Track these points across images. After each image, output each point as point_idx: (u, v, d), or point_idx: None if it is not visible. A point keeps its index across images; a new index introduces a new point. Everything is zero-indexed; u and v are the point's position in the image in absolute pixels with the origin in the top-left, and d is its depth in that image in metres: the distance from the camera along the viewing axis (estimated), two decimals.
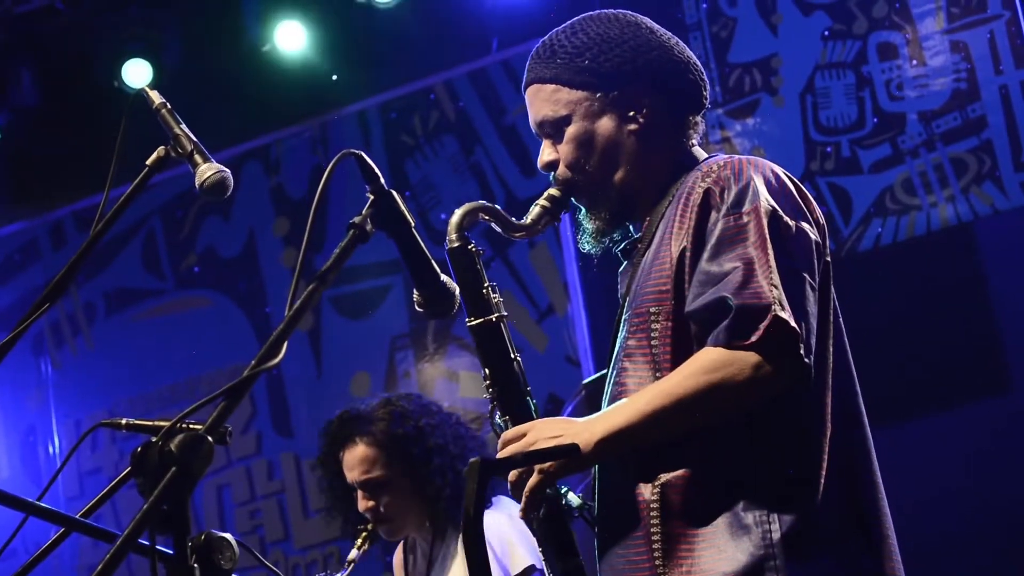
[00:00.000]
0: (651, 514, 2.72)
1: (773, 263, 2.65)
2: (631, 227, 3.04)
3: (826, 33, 6.39)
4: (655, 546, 2.71)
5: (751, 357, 2.61)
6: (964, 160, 6.09)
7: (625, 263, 3.02)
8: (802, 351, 2.62)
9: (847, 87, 6.33)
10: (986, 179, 6.05)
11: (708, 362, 2.64)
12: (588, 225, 3.00)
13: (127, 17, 7.36)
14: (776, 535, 2.64)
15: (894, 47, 6.27)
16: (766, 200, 2.73)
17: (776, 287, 2.62)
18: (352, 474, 4.39)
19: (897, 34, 6.27)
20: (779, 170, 2.85)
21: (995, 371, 5.98)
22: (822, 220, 2.88)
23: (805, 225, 2.77)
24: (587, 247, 3.03)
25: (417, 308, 2.63)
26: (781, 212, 2.73)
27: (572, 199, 3.02)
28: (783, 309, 2.61)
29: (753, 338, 2.60)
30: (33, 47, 7.49)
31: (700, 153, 3.00)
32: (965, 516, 5.72)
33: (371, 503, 4.36)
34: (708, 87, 3.05)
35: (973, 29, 6.13)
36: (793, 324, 2.61)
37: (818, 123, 6.35)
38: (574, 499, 2.89)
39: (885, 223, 6.16)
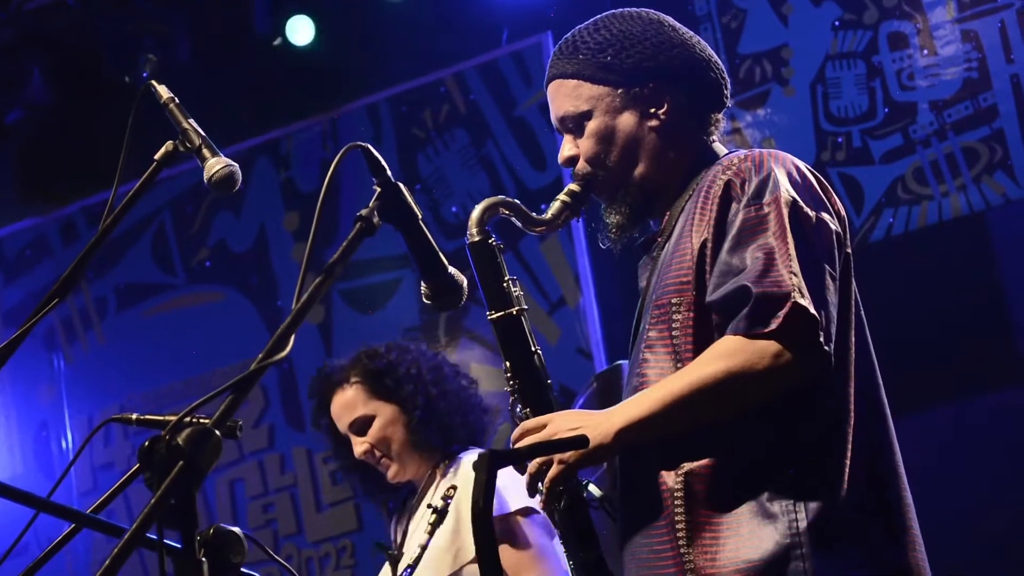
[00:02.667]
0: (675, 503, 2.74)
1: (793, 252, 2.67)
2: (651, 222, 3.05)
3: (836, 23, 6.38)
4: (679, 534, 2.72)
5: (771, 344, 2.63)
6: (975, 149, 6.08)
7: (644, 257, 3.03)
8: (822, 339, 2.63)
9: (858, 77, 6.31)
10: (998, 168, 6.03)
11: (727, 349, 2.65)
12: (609, 220, 3.02)
13: (137, 12, 7.36)
14: (803, 524, 2.65)
15: (905, 37, 6.26)
16: (787, 191, 2.75)
17: (796, 275, 2.64)
18: (342, 423, 4.40)
19: (908, 24, 6.25)
20: (800, 163, 2.87)
21: (1008, 360, 5.97)
22: (843, 212, 2.90)
23: (826, 216, 2.79)
24: (608, 243, 3.04)
25: (425, 300, 2.63)
26: (802, 203, 2.75)
27: (592, 194, 3.03)
28: (803, 296, 2.62)
29: (773, 325, 2.62)
30: (43, 43, 7.49)
31: (721, 149, 3.02)
32: (977, 506, 5.71)
33: (364, 445, 4.34)
34: (729, 85, 3.08)
35: (984, 18, 6.11)
36: (813, 311, 2.62)
37: (829, 113, 6.33)
38: (595, 490, 2.89)
39: (897, 213, 6.14)
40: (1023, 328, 5.98)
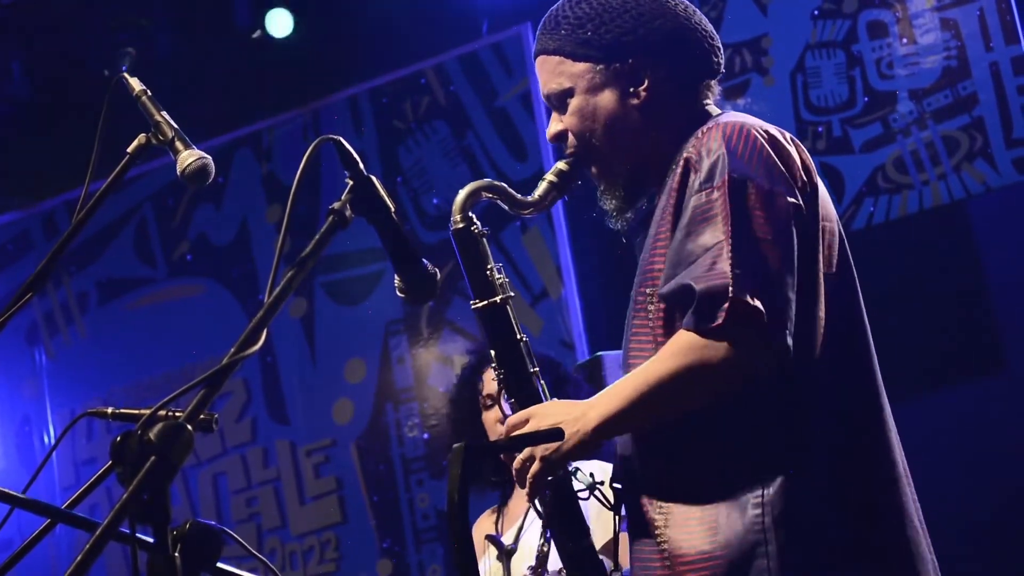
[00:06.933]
0: (659, 493, 2.74)
1: (739, 240, 2.62)
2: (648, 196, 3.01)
3: (816, 12, 6.38)
4: (657, 524, 2.72)
5: (719, 340, 2.60)
6: (955, 138, 6.08)
7: (640, 236, 2.97)
8: (770, 329, 2.59)
9: (837, 66, 6.31)
10: (978, 157, 6.04)
11: (679, 347, 2.64)
12: (608, 205, 2.99)
13: (116, 6, 7.34)
14: (768, 519, 2.62)
15: (884, 25, 6.26)
16: (735, 172, 2.68)
17: (739, 267, 2.60)
18: (490, 387, 4.39)
19: (887, 12, 6.26)
20: (759, 131, 2.78)
21: (988, 349, 5.97)
22: (808, 179, 2.80)
23: (781, 190, 2.71)
24: (612, 225, 3.01)
25: (398, 294, 2.61)
26: (752, 181, 2.68)
27: (584, 170, 3.00)
28: (743, 290, 2.58)
29: (718, 320, 2.59)
30: (22, 37, 7.47)
31: (714, 110, 2.96)
32: (958, 495, 5.72)
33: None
34: (720, 51, 3.00)
35: (963, 6, 6.11)
36: (756, 303, 2.58)
37: (809, 102, 6.33)
38: (584, 478, 2.88)
39: (877, 202, 6.15)
40: (1004, 317, 5.98)
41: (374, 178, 2.45)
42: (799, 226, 2.72)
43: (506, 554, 4.30)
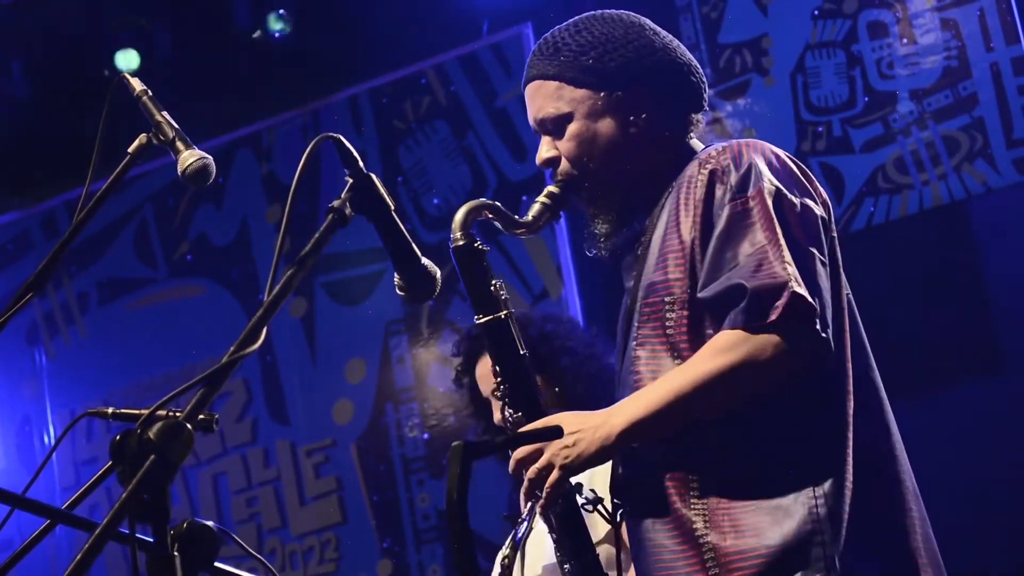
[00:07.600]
0: (690, 496, 2.75)
1: (783, 242, 2.69)
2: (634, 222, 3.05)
3: (816, 12, 6.37)
4: (695, 524, 2.72)
5: (771, 335, 2.64)
6: (956, 138, 6.08)
7: (628, 256, 3.01)
8: (819, 325, 2.65)
9: (838, 66, 6.31)
10: (978, 157, 6.03)
11: (727, 343, 2.67)
12: (598, 231, 3.01)
13: (116, 6, 7.34)
14: (823, 511, 2.66)
15: (884, 25, 6.26)
16: (769, 181, 2.76)
17: (789, 264, 2.66)
18: (485, 385, 4.25)
19: (887, 12, 6.26)
20: (779, 150, 2.88)
21: (988, 350, 5.97)
22: (824, 196, 2.91)
23: (810, 202, 2.81)
24: (595, 252, 3.03)
25: (398, 292, 2.61)
26: (785, 191, 2.77)
27: (574, 196, 3.02)
28: (799, 285, 2.64)
29: (772, 316, 2.64)
30: (22, 37, 7.47)
31: (698, 144, 3.03)
32: (956, 497, 5.71)
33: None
34: (707, 88, 3.09)
35: (963, 7, 6.11)
36: (811, 300, 2.64)
37: (809, 103, 6.33)
38: (588, 492, 2.89)
39: (877, 202, 6.15)
40: (1004, 318, 5.98)
41: (374, 176, 2.45)
42: (826, 237, 2.82)
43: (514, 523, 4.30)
